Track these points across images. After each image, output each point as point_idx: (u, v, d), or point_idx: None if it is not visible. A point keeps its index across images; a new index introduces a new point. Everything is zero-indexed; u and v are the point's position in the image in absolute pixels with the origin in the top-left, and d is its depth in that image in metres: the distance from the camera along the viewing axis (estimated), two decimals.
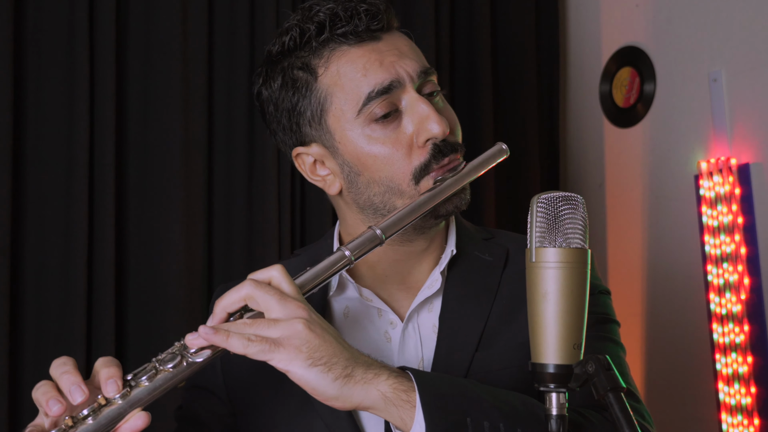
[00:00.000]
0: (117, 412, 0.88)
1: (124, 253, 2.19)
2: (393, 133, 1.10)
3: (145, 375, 0.90)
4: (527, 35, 2.85)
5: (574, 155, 3.01)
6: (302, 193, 2.43)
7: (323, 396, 0.91)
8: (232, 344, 0.90)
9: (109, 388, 0.89)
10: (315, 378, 0.90)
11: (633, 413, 0.82)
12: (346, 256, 1.00)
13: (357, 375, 0.91)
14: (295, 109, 1.13)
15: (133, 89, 2.22)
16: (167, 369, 0.91)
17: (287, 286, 0.94)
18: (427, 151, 1.10)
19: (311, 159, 1.16)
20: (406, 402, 0.91)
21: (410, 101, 1.10)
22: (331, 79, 1.10)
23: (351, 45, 1.10)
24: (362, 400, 0.91)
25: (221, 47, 2.35)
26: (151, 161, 2.22)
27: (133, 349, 2.15)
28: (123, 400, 0.89)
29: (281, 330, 0.91)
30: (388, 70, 1.09)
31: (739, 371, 2.34)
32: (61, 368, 0.91)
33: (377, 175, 1.10)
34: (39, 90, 2.10)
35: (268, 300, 0.92)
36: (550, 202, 0.86)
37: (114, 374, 0.90)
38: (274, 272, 0.95)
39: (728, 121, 2.48)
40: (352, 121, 1.10)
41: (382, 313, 1.17)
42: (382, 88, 1.08)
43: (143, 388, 0.90)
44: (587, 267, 0.86)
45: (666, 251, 2.68)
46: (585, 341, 0.86)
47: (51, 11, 2.10)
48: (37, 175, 2.08)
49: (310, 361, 0.90)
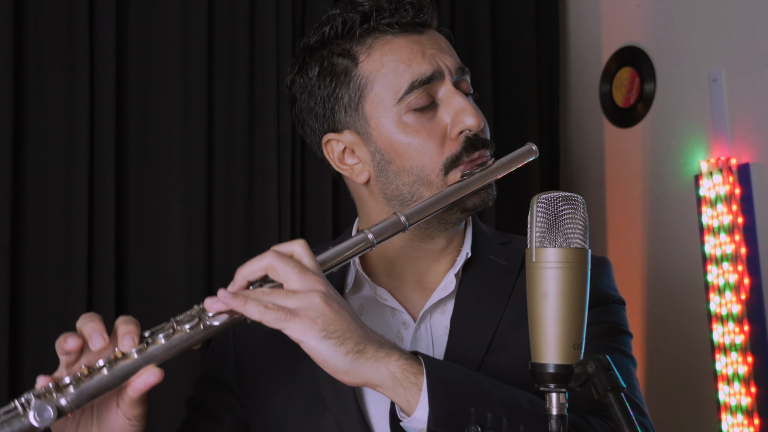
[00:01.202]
0: (132, 365, 0.91)
1: (124, 253, 2.19)
2: (428, 122, 1.12)
3: (162, 333, 0.92)
4: (527, 35, 2.85)
5: (574, 155, 3.01)
6: (302, 193, 2.43)
7: (333, 369, 0.91)
8: (249, 309, 0.91)
9: (125, 343, 0.91)
10: (327, 350, 0.90)
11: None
12: (368, 238, 1.01)
13: (369, 352, 0.92)
14: (332, 96, 1.15)
15: (133, 89, 2.22)
16: (184, 329, 0.92)
17: (308, 261, 0.96)
18: (459, 143, 1.12)
19: (341, 147, 1.17)
20: (414, 384, 0.92)
21: (447, 94, 1.13)
22: (373, 65, 1.12)
23: (395, 35, 1.13)
24: (371, 377, 0.92)
25: (221, 47, 2.35)
26: (151, 161, 2.22)
27: None
28: (138, 355, 0.91)
29: (299, 301, 0.91)
30: (430, 62, 1.12)
31: (739, 371, 2.34)
32: (87, 318, 0.96)
33: (408, 163, 1.12)
34: (39, 90, 2.10)
35: (288, 271, 0.93)
36: (550, 202, 0.86)
37: (131, 330, 0.92)
38: (296, 246, 0.96)
39: (728, 121, 2.48)
40: (390, 108, 1.12)
41: (396, 312, 1.17)
42: (424, 78, 1.11)
43: (159, 345, 0.92)
44: (587, 267, 0.86)
45: (666, 251, 2.68)
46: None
47: (51, 11, 2.11)
48: (37, 175, 2.08)
49: (324, 333, 0.90)
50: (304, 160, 2.43)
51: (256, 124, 2.36)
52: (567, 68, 3.04)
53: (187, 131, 2.25)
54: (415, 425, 0.92)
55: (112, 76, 2.15)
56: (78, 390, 0.90)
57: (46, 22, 2.10)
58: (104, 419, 0.96)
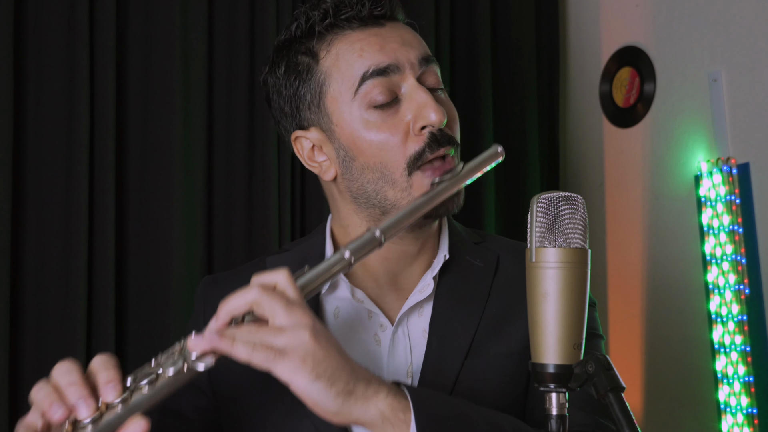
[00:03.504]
0: (117, 420, 0.87)
1: (124, 253, 2.19)
2: (390, 118, 1.10)
3: (145, 379, 0.89)
4: (527, 35, 2.85)
5: (574, 155, 3.01)
6: (302, 193, 2.43)
7: (323, 410, 0.91)
8: (237, 351, 0.89)
9: (108, 393, 0.88)
10: (317, 393, 0.89)
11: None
12: (345, 258, 0.98)
13: (358, 391, 0.91)
14: (297, 94, 1.14)
15: (133, 89, 2.22)
16: (168, 375, 0.89)
17: (292, 292, 0.94)
18: (423, 139, 1.09)
19: (309, 144, 1.16)
20: (402, 422, 0.92)
21: (409, 89, 1.10)
22: (330, 61, 1.11)
23: (354, 30, 1.12)
24: (360, 417, 0.92)
25: (221, 47, 2.35)
26: (151, 161, 2.22)
27: (133, 349, 2.15)
28: (123, 407, 0.87)
29: (287, 339, 0.90)
30: (388, 54, 1.10)
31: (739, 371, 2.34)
32: (68, 377, 0.89)
33: (372, 160, 1.10)
34: (39, 90, 2.10)
35: (274, 306, 0.91)
36: (550, 202, 0.86)
37: (113, 378, 0.89)
38: (280, 277, 0.94)
39: (728, 121, 2.48)
40: (349, 103, 1.10)
41: (372, 315, 1.16)
42: (378, 69, 1.09)
43: (143, 395, 0.88)
44: (587, 267, 0.86)
45: (666, 251, 2.68)
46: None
47: (51, 11, 2.10)
48: (37, 175, 2.08)
49: (314, 374, 0.89)
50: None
51: (256, 124, 2.36)
52: (567, 68, 3.04)
53: (187, 131, 2.25)
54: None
55: (112, 76, 2.14)
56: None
57: (46, 22, 2.10)
58: None
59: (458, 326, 1.14)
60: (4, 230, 1.99)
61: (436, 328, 1.14)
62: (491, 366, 1.10)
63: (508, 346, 1.13)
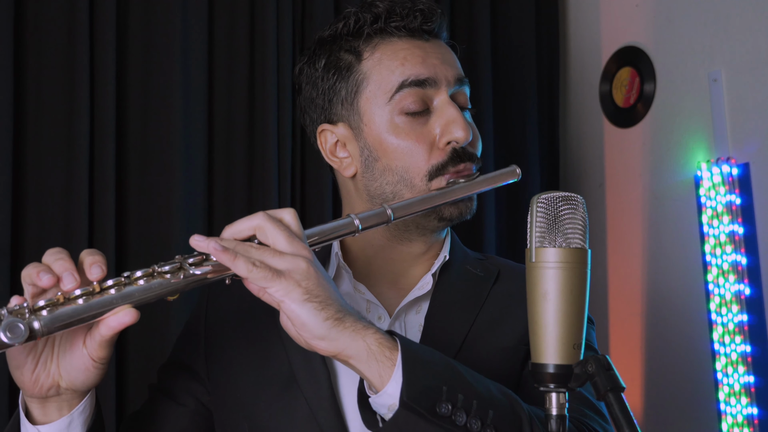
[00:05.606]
0: (109, 300, 0.89)
1: (124, 253, 2.19)
2: (419, 128, 1.15)
3: (141, 273, 0.92)
4: (527, 35, 2.85)
5: (574, 155, 3.01)
6: (302, 193, 2.43)
7: (310, 333, 0.91)
8: (238, 265, 0.91)
9: (93, 271, 0.90)
10: (307, 313, 0.90)
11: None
12: (354, 223, 1.01)
13: (347, 321, 0.92)
14: (333, 88, 1.18)
15: (133, 89, 2.22)
16: (165, 276, 0.92)
17: (297, 228, 0.96)
18: (446, 153, 1.15)
19: (334, 139, 1.20)
20: (388, 359, 0.91)
21: (441, 103, 1.16)
22: (372, 63, 1.16)
23: (401, 38, 1.17)
24: (346, 347, 0.91)
25: (221, 47, 2.35)
26: (151, 161, 2.22)
27: (133, 349, 2.15)
28: (116, 292, 0.89)
29: (286, 263, 0.91)
30: (428, 68, 1.16)
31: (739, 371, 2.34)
32: (56, 255, 0.92)
33: (394, 163, 1.15)
34: (39, 90, 2.10)
35: (277, 234, 0.93)
36: (550, 202, 0.86)
37: (98, 261, 0.92)
38: (286, 214, 0.96)
39: (728, 121, 2.48)
40: (383, 106, 1.15)
41: (371, 307, 1.20)
42: (416, 80, 1.14)
43: (137, 286, 0.91)
44: (587, 267, 0.86)
45: (666, 251, 2.68)
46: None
47: (51, 11, 2.10)
48: (37, 175, 2.08)
49: (306, 296, 0.90)
50: (304, 159, 2.43)
51: (256, 124, 2.36)
52: (567, 68, 3.04)
53: (188, 131, 2.25)
54: (385, 400, 0.91)
55: (112, 76, 2.14)
56: (52, 315, 0.87)
57: (46, 22, 2.10)
58: (67, 357, 0.94)
59: (453, 323, 1.16)
60: (4, 230, 1.99)
61: (431, 322, 1.17)
62: (483, 360, 1.12)
63: (501, 343, 1.16)
